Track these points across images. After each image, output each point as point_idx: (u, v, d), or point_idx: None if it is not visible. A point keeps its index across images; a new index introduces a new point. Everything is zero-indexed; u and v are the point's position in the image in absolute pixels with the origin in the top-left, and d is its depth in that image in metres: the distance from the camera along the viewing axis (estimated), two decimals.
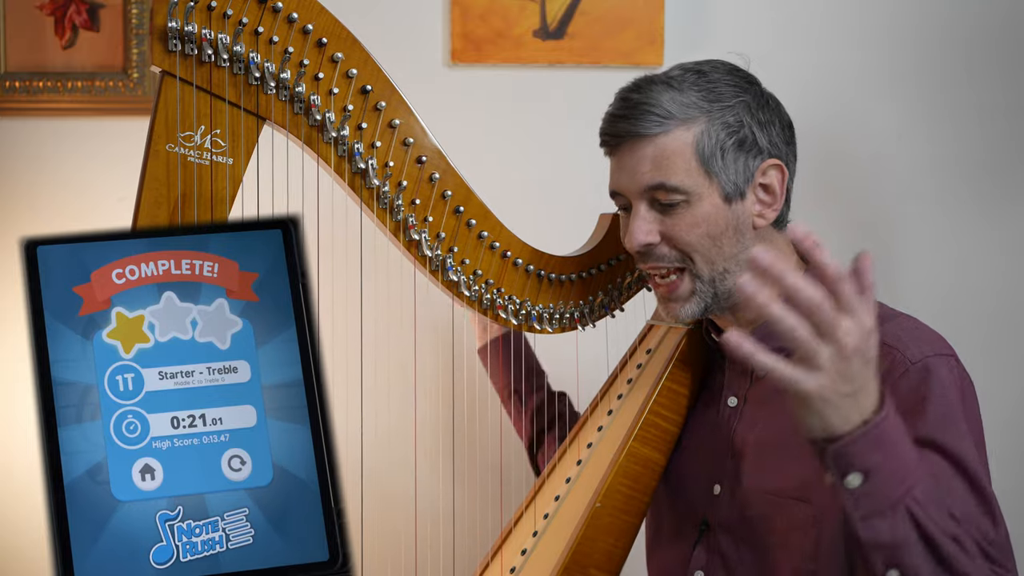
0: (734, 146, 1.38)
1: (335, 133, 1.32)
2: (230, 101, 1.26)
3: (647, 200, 1.39)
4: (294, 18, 1.28)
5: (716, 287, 1.40)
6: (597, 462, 1.51)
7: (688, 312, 1.41)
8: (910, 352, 1.32)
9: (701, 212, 1.37)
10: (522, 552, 1.50)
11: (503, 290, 1.47)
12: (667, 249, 1.40)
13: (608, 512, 1.44)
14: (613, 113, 1.42)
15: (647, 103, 1.38)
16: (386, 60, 2.06)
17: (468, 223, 1.43)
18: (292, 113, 1.30)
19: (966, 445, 1.27)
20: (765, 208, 1.40)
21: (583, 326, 1.55)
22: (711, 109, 1.38)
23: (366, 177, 1.35)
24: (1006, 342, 2.13)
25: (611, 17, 2.04)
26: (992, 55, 2.12)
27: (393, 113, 1.36)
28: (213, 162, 1.25)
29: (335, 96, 1.32)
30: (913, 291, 2.09)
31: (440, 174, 1.40)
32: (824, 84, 2.08)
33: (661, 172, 1.37)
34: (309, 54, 1.30)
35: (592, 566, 1.43)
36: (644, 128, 1.37)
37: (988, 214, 2.13)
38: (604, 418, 1.57)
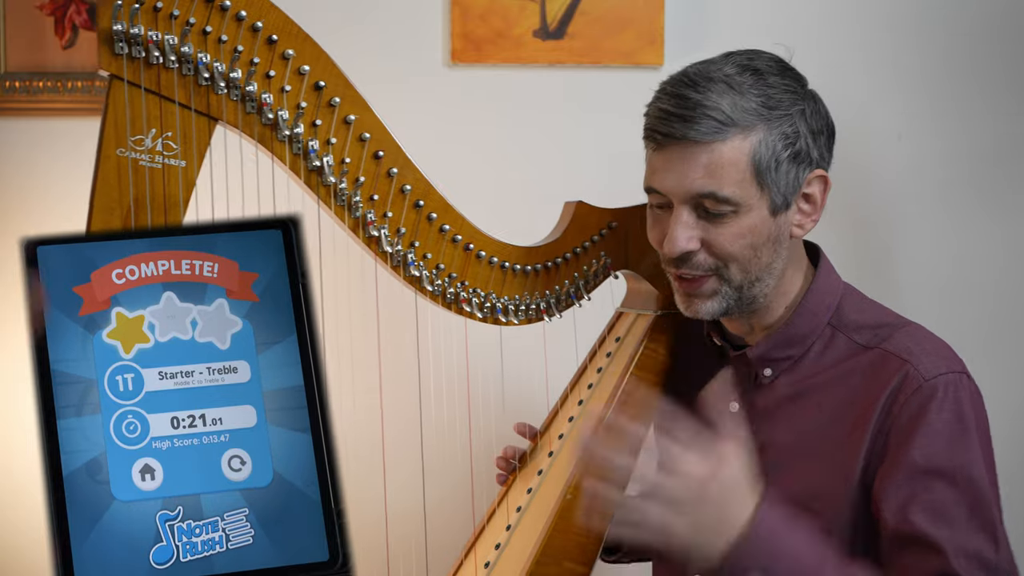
0: (788, 157, 1.33)
1: (288, 131, 1.30)
2: (180, 103, 1.24)
3: (691, 205, 1.33)
4: (243, 16, 1.26)
5: (743, 293, 1.36)
6: (568, 453, 1.50)
7: (708, 310, 1.37)
8: (923, 367, 1.31)
9: (747, 223, 1.33)
10: (496, 547, 1.50)
11: (467, 283, 1.46)
12: (704, 256, 1.35)
13: (579, 504, 1.44)
14: (668, 110, 1.32)
15: (707, 105, 1.30)
16: (386, 60, 2.07)
17: (429, 217, 1.41)
18: (244, 112, 1.28)
19: (976, 471, 1.28)
20: (805, 218, 1.37)
21: (550, 316, 1.52)
22: (770, 117, 1.31)
23: (322, 175, 1.33)
24: (1006, 342, 2.13)
25: (611, 17, 2.04)
26: (994, 54, 2.12)
27: (348, 109, 1.34)
28: (165, 165, 1.23)
29: (287, 94, 1.30)
30: (913, 291, 2.09)
31: (399, 169, 1.38)
32: (824, 84, 2.07)
33: (714, 181, 1.30)
34: (259, 52, 1.28)
35: (565, 559, 1.42)
36: (702, 133, 1.30)
37: (988, 213, 2.13)
38: (575, 408, 1.56)
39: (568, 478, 1.45)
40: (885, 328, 1.37)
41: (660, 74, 2.03)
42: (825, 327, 1.39)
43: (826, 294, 1.40)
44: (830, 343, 1.38)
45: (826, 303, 1.40)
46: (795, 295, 1.41)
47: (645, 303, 1.59)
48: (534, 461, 1.57)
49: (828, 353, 1.38)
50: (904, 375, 1.30)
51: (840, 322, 1.39)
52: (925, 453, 1.27)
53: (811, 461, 1.35)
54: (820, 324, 1.39)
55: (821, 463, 1.34)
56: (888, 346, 1.34)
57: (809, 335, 1.39)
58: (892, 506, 1.28)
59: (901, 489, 1.28)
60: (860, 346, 1.36)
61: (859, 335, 1.37)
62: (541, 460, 1.55)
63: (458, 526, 1.71)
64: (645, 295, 1.59)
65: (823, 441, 1.35)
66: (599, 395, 1.53)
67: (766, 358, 1.40)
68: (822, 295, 1.40)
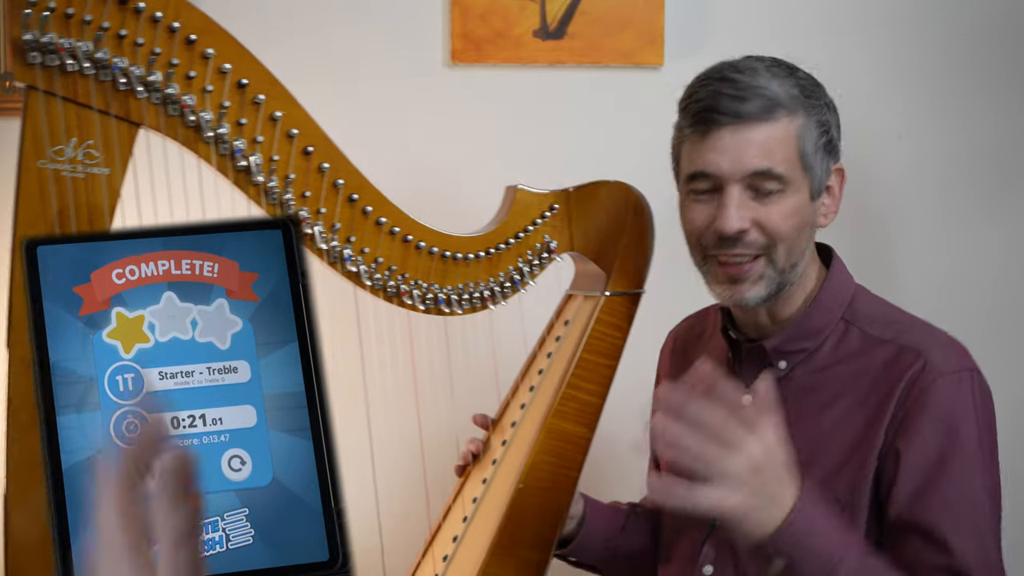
0: (823, 146, 1.38)
1: (212, 132, 1.28)
2: (99, 109, 1.21)
3: (743, 185, 1.35)
4: (159, 17, 1.24)
5: (783, 277, 1.39)
6: (521, 442, 1.49)
7: (754, 295, 1.38)
8: (939, 361, 1.34)
9: (795, 203, 1.36)
10: (454, 539, 1.49)
11: (408, 275, 1.43)
12: (756, 236, 1.36)
13: (533, 492, 1.43)
14: (720, 92, 1.34)
15: (758, 86, 1.34)
16: (386, 60, 2.07)
17: (364, 210, 1.39)
18: (167, 115, 1.26)
19: (981, 468, 1.32)
20: (827, 209, 1.43)
21: (494, 304, 1.51)
22: (807, 105, 1.37)
23: (250, 174, 1.31)
24: (1006, 342, 2.13)
25: (611, 17, 2.04)
26: (994, 54, 2.12)
27: (274, 105, 1.32)
28: (89, 174, 1.21)
29: (210, 94, 1.28)
30: (913, 291, 2.09)
31: (330, 163, 1.36)
32: (824, 84, 2.08)
33: (768, 159, 1.34)
34: (178, 53, 1.26)
35: (522, 547, 1.42)
36: (756, 112, 1.33)
37: (988, 213, 2.13)
38: (527, 395, 1.55)
39: (521, 467, 1.44)
40: (898, 324, 1.41)
41: (660, 74, 2.03)
42: (839, 321, 1.42)
43: (840, 289, 1.44)
44: (844, 337, 1.41)
45: (840, 298, 1.43)
46: (811, 289, 1.44)
47: (593, 284, 1.57)
48: (489, 451, 1.56)
49: (842, 346, 1.41)
50: (920, 368, 1.33)
51: (853, 316, 1.42)
52: (936, 445, 1.30)
53: (828, 453, 1.38)
54: (834, 318, 1.42)
55: (838, 455, 1.37)
56: (903, 340, 1.37)
57: (823, 328, 1.42)
58: (900, 495, 1.31)
59: (911, 479, 1.30)
60: (873, 338, 1.39)
61: (872, 328, 1.40)
62: (496, 450, 1.54)
63: (413, 523, 1.69)
64: (592, 276, 1.57)
65: (839, 433, 1.37)
66: (549, 380, 1.52)
67: (781, 350, 1.43)
68: (836, 290, 1.43)
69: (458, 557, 1.46)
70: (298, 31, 2.01)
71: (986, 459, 1.33)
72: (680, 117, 1.43)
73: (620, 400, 2.03)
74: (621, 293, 1.52)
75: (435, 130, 2.03)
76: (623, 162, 2.04)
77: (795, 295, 1.43)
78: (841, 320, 1.42)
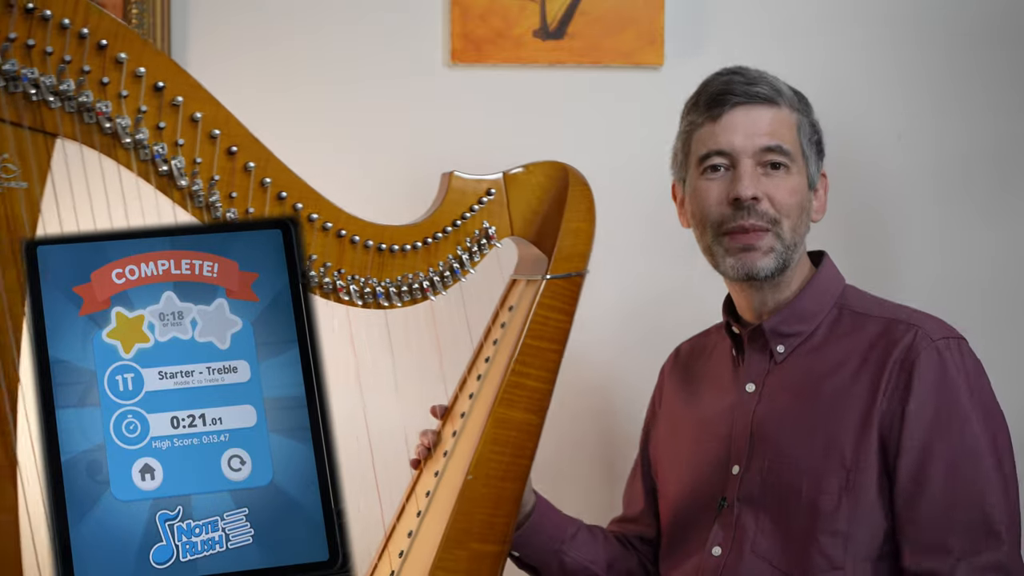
0: (814, 144, 1.54)
1: (130, 138, 1.26)
2: (12, 122, 1.19)
3: (755, 160, 1.48)
4: (67, 24, 1.21)
5: (788, 255, 1.49)
6: (470, 432, 1.48)
7: (765, 266, 1.48)
8: (932, 330, 1.45)
9: (797, 182, 1.50)
10: (409, 534, 1.47)
11: (344, 271, 1.41)
12: (767, 206, 1.48)
13: (482, 483, 1.42)
14: (732, 79, 1.51)
15: (764, 77, 1.51)
16: (386, 60, 2.07)
17: (295, 207, 1.37)
18: (82, 123, 1.23)
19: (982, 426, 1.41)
20: (818, 207, 1.56)
21: (435, 295, 1.48)
22: (799, 108, 1.53)
23: (172, 178, 1.29)
24: (1006, 342, 2.13)
25: (611, 17, 2.04)
26: (994, 54, 2.12)
27: (194, 106, 1.29)
28: (6, 189, 1.18)
29: (126, 99, 1.25)
30: (912, 291, 2.09)
31: (255, 162, 1.34)
32: (824, 84, 2.08)
33: (778, 136, 1.49)
34: (90, 59, 1.23)
35: (472, 540, 1.40)
36: (767, 95, 1.49)
37: (987, 214, 2.13)
38: (475, 384, 1.53)
39: (469, 458, 1.43)
40: (888, 306, 1.52)
41: (660, 74, 2.03)
42: (832, 308, 1.52)
43: (831, 280, 1.55)
44: (838, 320, 1.51)
45: (832, 288, 1.54)
46: (802, 280, 1.54)
47: (535, 268, 1.55)
48: (441, 443, 1.54)
49: (837, 328, 1.51)
50: (914, 335, 1.43)
51: (846, 303, 1.53)
52: (934, 405, 1.40)
53: (831, 421, 1.45)
54: (827, 304, 1.52)
55: (842, 421, 1.44)
56: (892, 315, 1.49)
57: (817, 313, 1.52)
58: (907, 461, 1.40)
59: (914, 443, 1.40)
60: (865, 315, 1.50)
61: (863, 307, 1.52)
62: (447, 441, 1.52)
63: (366, 521, 1.68)
64: (534, 260, 1.56)
65: (840, 401, 1.45)
66: (496, 368, 1.50)
67: (778, 332, 1.52)
68: (828, 279, 1.55)
69: (413, 552, 1.45)
70: (298, 31, 2.01)
71: (986, 414, 1.42)
72: (690, 113, 1.55)
73: (622, 402, 2.04)
74: (563, 276, 1.50)
75: (435, 130, 2.03)
76: (623, 162, 2.04)
77: (792, 281, 1.52)
78: (834, 307, 1.52)
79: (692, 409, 1.61)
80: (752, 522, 1.47)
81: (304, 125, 2.00)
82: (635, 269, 2.03)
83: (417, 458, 1.59)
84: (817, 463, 1.43)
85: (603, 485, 2.03)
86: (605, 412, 2.05)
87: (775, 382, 1.51)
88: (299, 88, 2.01)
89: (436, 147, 2.01)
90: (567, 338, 1.51)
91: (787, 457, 1.45)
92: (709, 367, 1.62)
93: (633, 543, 1.68)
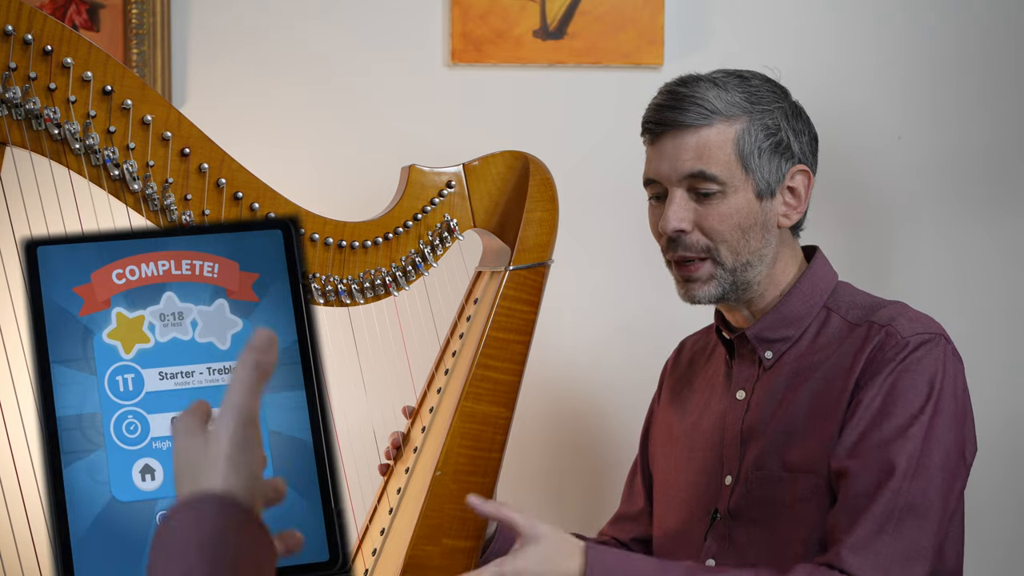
0: (770, 147, 1.46)
1: (80, 143, 1.25)
2: None
3: (684, 188, 1.45)
4: (10, 31, 1.20)
5: (736, 276, 1.46)
6: (438, 427, 1.47)
7: (706, 294, 1.46)
8: (903, 329, 1.41)
9: (735, 204, 1.44)
10: (381, 532, 1.47)
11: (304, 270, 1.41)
12: (697, 237, 1.45)
13: (451, 478, 1.41)
14: (659, 104, 1.47)
15: (694, 96, 1.45)
16: (386, 60, 2.07)
17: (252, 207, 1.36)
18: (31, 130, 1.23)
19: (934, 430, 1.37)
20: (790, 210, 1.49)
21: (398, 291, 1.47)
22: (752, 110, 1.46)
23: (126, 182, 1.28)
24: (1005, 342, 2.13)
25: (611, 17, 2.04)
26: (994, 54, 2.12)
27: (144, 109, 1.28)
28: None
29: (75, 104, 1.24)
30: (911, 291, 2.09)
31: (209, 163, 1.33)
32: (824, 84, 2.08)
33: (702, 161, 1.44)
34: (35, 66, 1.22)
35: (443, 536, 1.39)
36: (690, 119, 1.44)
37: (987, 214, 2.13)
38: (443, 379, 1.53)
39: (438, 453, 1.42)
40: (874, 307, 1.48)
41: (660, 74, 2.03)
42: (820, 310, 1.49)
43: (820, 280, 1.51)
44: (825, 324, 1.48)
45: (820, 288, 1.50)
46: (789, 282, 1.51)
47: (498, 260, 1.54)
48: (411, 440, 1.53)
49: (824, 333, 1.48)
50: (884, 335, 1.41)
51: (835, 304, 1.49)
52: (883, 396, 1.38)
53: (814, 426, 1.43)
54: (815, 306, 1.49)
55: (825, 436, 1.41)
56: (873, 318, 1.45)
57: (804, 316, 1.49)
58: (844, 445, 1.38)
59: (855, 429, 1.38)
60: (851, 323, 1.46)
61: (851, 314, 1.47)
62: (416, 437, 1.52)
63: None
64: (497, 251, 1.55)
65: (820, 407, 1.43)
66: (462, 362, 1.49)
67: (762, 338, 1.49)
68: (816, 280, 1.51)
69: (386, 550, 1.44)
70: (299, 31, 2.01)
71: (943, 417, 1.38)
72: None
73: (621, 404, 2.04)
74: (526, 267, 1.49)
75: (435, 130, 2.03)
76: (623, 162, 2.04)
77: (768, 291, 1.50)
78: (823, 308, 1.49)
79: (687, 415, 1.60)
80: (743, 535, 1.46)
81: (304, 124, 2.00)
82: (635, 269, 2.03)
83: (386, 462, 1.58)
84: (803, 472, 1.42)
85: (603, 485, 2.02)
86: (605, 412, 2.05)
87: (763, 389, 1.49)
88: (299, 87, 2.01)
89: (436, 147, 2.01)
90: (533, 329, 1.50)
91: (774, 467, 1.44)
92: (708, 369, 1.61)
93: (628, 547, 1.67)
